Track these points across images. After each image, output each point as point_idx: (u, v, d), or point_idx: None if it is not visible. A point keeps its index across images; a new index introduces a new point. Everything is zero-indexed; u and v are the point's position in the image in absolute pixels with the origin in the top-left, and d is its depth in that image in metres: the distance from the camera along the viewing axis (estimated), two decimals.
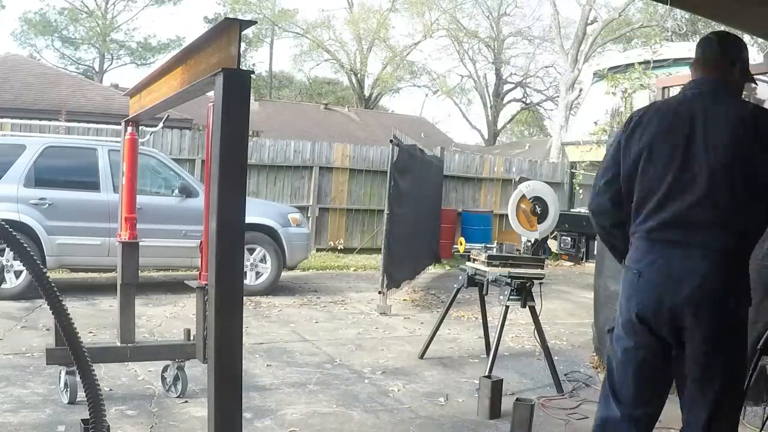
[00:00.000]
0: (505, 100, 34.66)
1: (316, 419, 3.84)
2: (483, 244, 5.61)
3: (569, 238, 9.95)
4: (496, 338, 4.49)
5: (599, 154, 7.65)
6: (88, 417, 1.45)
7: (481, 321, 5.47)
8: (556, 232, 9.79)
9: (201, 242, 3.83)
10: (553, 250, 10.71)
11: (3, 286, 6.62)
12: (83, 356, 1.42)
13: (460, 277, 5.09)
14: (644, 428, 2.54)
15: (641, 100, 4.99)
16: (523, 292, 4.56)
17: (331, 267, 10.76)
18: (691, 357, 2.31)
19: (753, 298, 2.37)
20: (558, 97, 22.18)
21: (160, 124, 8.74)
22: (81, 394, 3.70)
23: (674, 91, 5.55)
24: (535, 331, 4.71)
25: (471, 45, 31.66)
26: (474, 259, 4.99)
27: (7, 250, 6.31)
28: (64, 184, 7.27)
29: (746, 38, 14.61)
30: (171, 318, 6.34)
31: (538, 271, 4.71)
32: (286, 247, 7.93)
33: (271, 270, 7.88)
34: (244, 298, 2.08)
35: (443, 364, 5.26)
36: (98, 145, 7.53)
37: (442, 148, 12.74)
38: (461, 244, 11.83)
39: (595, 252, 5.95)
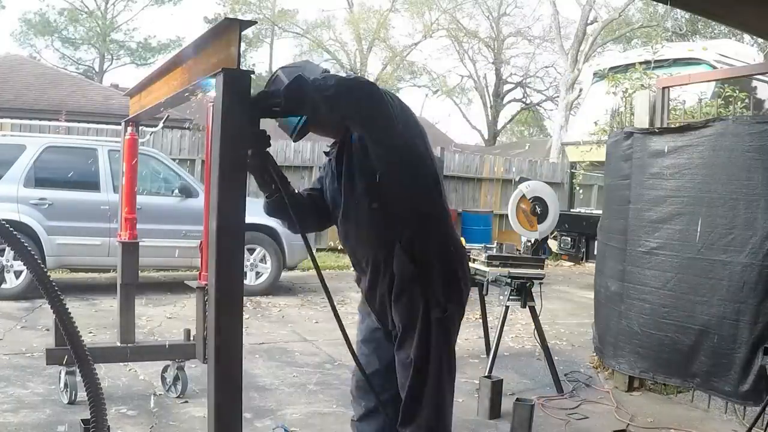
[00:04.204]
0: (505, 100, 34.63)
1: (316, 419, 3.84)
2: (483, 244, 5.61)
3: (569, 238, 9.94)
4: (496, 338, 4.49)
5: (599, 154, 7.64)
6: (89, 417, 1.45)
7: (481, 321, 5.47)
8: (556, 232, 9.78)
9: (201, 242, 3.83)
10: (553, 250, 10.69)
11: (3, 286, 6.62)
12: (85, 356, 1.42)
13: None
14: None
15: (642, 100, 4.99)
16: (523, 292, 4.56)
17: (331, 267, 10.75)
18: None
19: (754, 298, 2.34)
20: (558, 97, 22.18)
21: (160, 124, 8.71)
22: (81, 394, 3.71)
23: (674, 91, 5.55)
24: (535, 331, 4.71)
25: (471, 45, 31.66)
26: (474, 259, 4.99)
27: (8, 249, 6.31)
28: (64, 184, 7.27)
29: (746, 38, 14.53)
30: (171, 318, 6.34)
31: (538, 271, 4.71)
32: (286, 247, 7.93)
33: (271, 270, 7.88)
34: (244, 298, 2.08)
35: None
36: (98, 145, 7.53)
37: (442, 148, 12.73)
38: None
39: (595, 252, 5.95)
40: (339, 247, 12.17)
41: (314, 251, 2.64)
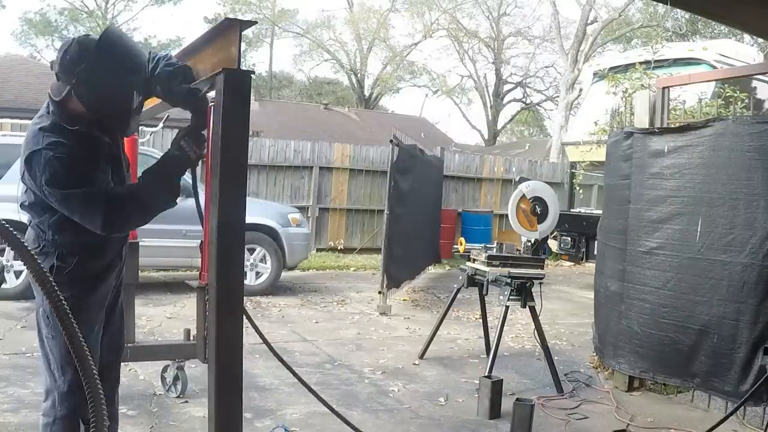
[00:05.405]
0: (505, 100, 34.68)
1: (316, 419, 3.84)
2: (483, 244, 5.61)
3: (569, 238, 9.95)
4: (496, 338, 4.49)
5: (599, 154, 7.64)
6: (89, 417, 1.45)
7: (481, 321, 5.47)
8: (556, 232, 9.78)
9: (201, 242, 3.82)
10: (553, 250, 10.70)
11: (3, 286, 6.61)
12: (85, 356, 1.42)
13: (460, 277, 5.09)
14: None
15: (642, 100, 4.99)
16: (523, 292, 4.56)
17: (331, 267, 10.75)
18: None
19: (754, 298, 2.35)
20: (558, 97, 22.18)
21: (160, 124, 8.70)
22: None
23: (674, 91, 5.55)
24: (535, 331, 4.71)
25: (471, 45, 31.68)
26: (474, 259, 4.99)
27: (8, 249, 6.31)
28: None
29: (746, 38, 14.53)
30: (171, 318, 6.34)
31: (538, 271, 4.72)
32: (286, 247, 7.93)
33: (271, 270, 7.88)
34: (244, 298, 2.09)
35: (443, 364, 5.26)
36: None
37: (442, 148, 12.75)
38: (461, 244, 11.80)
39: (595, 252, 5.95)
40: (339, 247, 12.19)
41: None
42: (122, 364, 4.38)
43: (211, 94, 2.11)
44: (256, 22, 2.33)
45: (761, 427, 3.83)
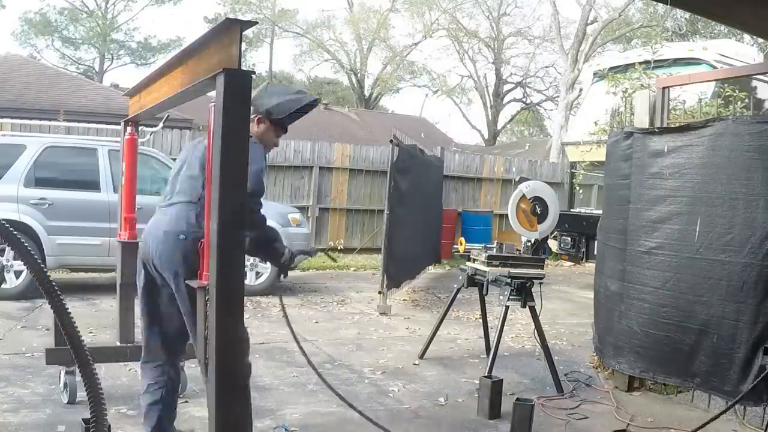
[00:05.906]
0: (505, 100, 34.68)
1: (316, 419, 3.84)
2: (483, 244, 5.61)
3: (569, 238, 9.95)
4: (496, 338, 4.49)
5: (599, 154, 7.64)
6: (89, 417, 1.45)
7: (481, 321, 5.47)
8: (556, 232, 9.78)
9: (201, 242, 3.82)
10: (553, 250, 10.70)
11: (3, 286, 6.62)
12: (85, 356, 1.42)
13: (460, 277, 5.09)
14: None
15: (642, 100, 4.99)
16: (523, 292, 4.56)
17: (331, 267, 10.75)
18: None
19: (754, 298, 2.37)
20: (558, 97, 22.18)
21: (160, 124, 8.72)
22: (81, 394, 3.71)
23: (674, 91, 5.55)
24: (535, 331, 4.71)
25: (471, 45, 31.68)
26: (474, 259, 4.99)
27: (8, 249, 6.31)
28: (64, 184, 7.27)
29: (746, 38, 14.50)
30: None
31: (538, 271, 4.72)
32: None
33: (271, 270, 7.87)
34: (245, 298, 2.09)
35: (443, 364, 5.26)
36: (98, 145, 7.52)
37: (442, 148, 12.74)
38: (461, 244, 11.80)
39: (595, 252, 5.95)
40: (339, 247, 12.19)
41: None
42: (122, 364, 4.40)
43: (212, 94, 2.11)
44: (256, 23, 2.33)
45: (761, 427, 3.83)
